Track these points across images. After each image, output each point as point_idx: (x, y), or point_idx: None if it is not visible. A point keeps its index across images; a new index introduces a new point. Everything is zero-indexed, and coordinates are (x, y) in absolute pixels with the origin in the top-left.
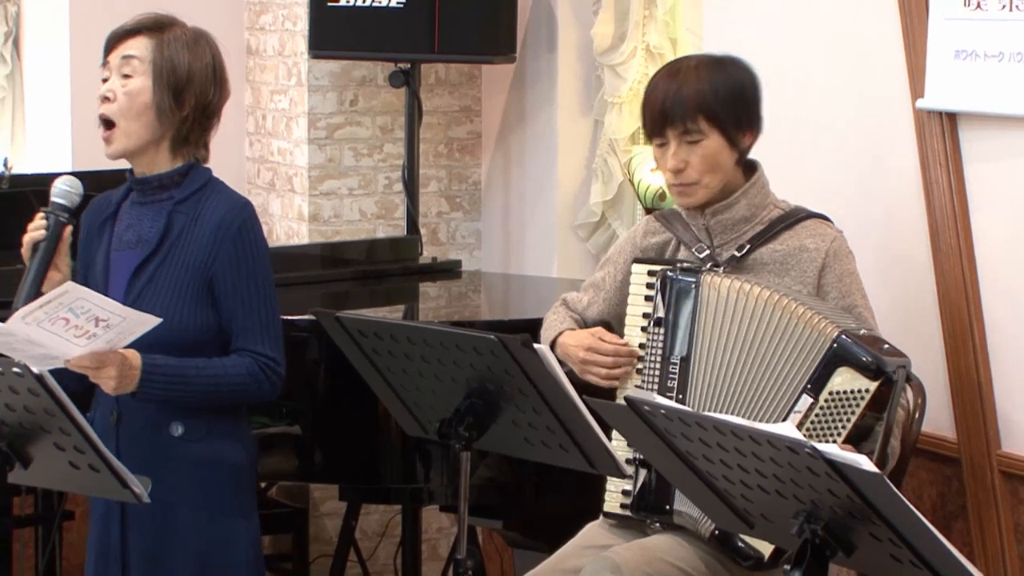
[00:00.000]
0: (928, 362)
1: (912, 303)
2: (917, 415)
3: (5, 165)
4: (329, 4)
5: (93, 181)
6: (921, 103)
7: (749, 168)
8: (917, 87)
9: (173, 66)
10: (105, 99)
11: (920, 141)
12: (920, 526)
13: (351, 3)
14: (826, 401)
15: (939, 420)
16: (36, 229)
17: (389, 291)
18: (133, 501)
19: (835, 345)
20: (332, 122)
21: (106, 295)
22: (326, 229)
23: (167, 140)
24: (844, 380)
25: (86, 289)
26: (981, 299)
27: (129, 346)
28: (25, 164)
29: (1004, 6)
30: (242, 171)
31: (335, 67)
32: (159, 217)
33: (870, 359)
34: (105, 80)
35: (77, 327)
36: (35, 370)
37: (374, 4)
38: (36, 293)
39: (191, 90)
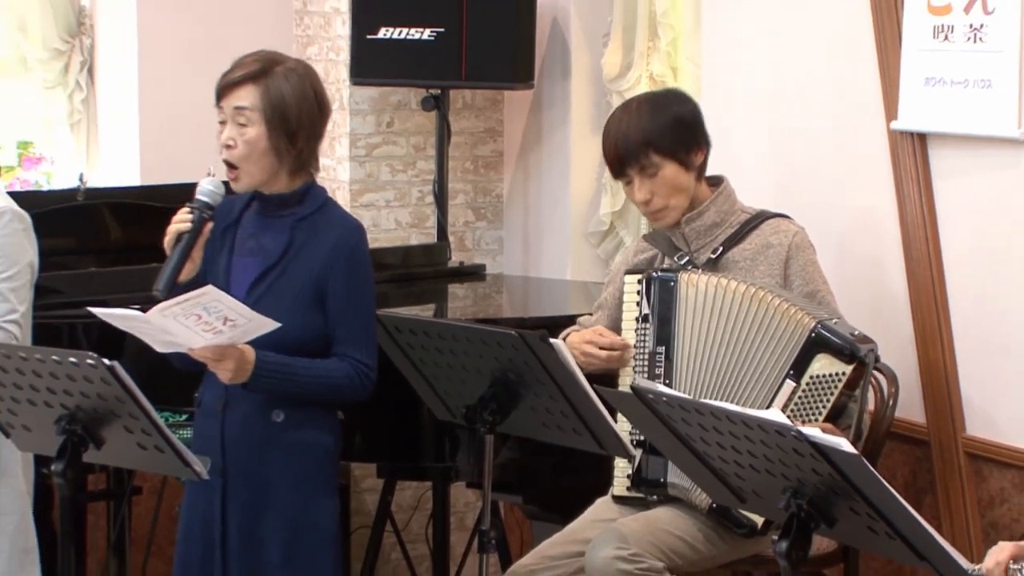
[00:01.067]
0: (901, 355)
1: (886, 303)
2: (891, 402)
3: (81, 179)
4: (368, 37)
5: (158, 193)
6: (895, 125)
7: (714, 181)
8: (891, 110)
9: (283, 112)
10: (227, 146)
11: (894, 159)
12: (894, 501)
13: (388, 36)
14: (807, 384)
15: (910, 407)
16: (182, 221)
17: (422, 292)
18: (194, 479)
19: (813, 334)
20: (371, 142)
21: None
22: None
23: (286, 168)
24: (823, 365)
25: (222, 293)
26: (948, 299)
27: (253, 346)
28: (98, 179)
29: (969, 39)
30: None
31: (373, 93)
32: (282, 232)
33: (845, 345)
34: (222, 123)
35: (207, 323)
36: (107, 362)
37: (408, 37)
38: (175, 279)
39: (301, 128)
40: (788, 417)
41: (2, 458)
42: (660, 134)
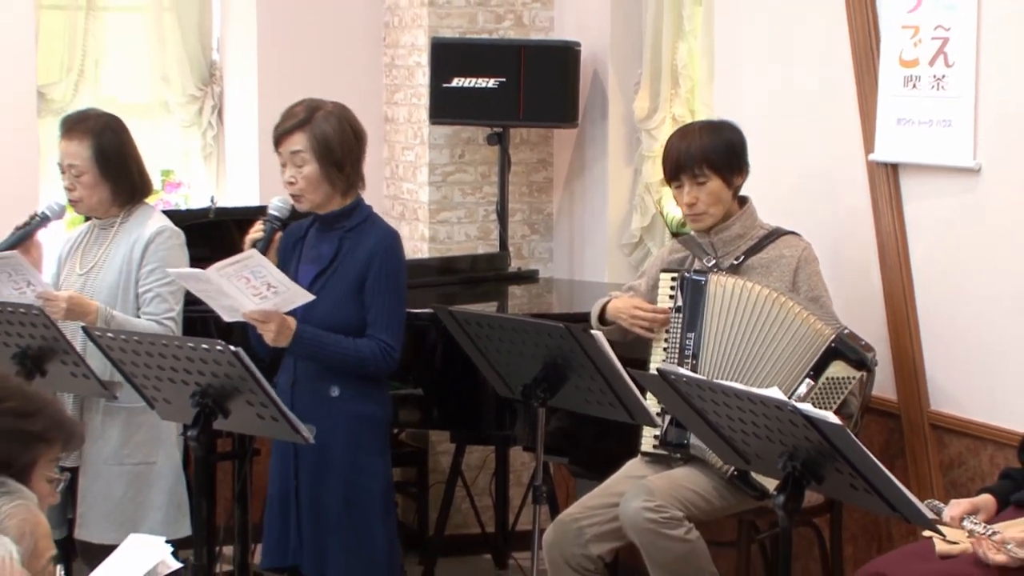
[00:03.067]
0: (875, 343)
1: (865, 300)
2: (870, 383)
3: (212, 201)
4: (444, 85)
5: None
6: (872, 156)
7: (742, 200)
8: (869, 144)
9: (329, 149)
10: (290, 183)
11: (871, 184)
12: (871, 463)
13: (460, 84)
14: (823, 384)
15: (884, 386)
16: (256, 232)
17: (486, 292)
18: (303, 442)
19: (833, 344)
20: (445, 170)
21: None
22: (441, 247)
23: (339, 190)
24: (838, 370)
25: (265, 259)
26: (915, 298)
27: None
28: (226, 200)
29: (933, 87)
30: (381, 206)
31: (448, 131)
32: (333, 241)
33: (858, 356)
34: (284, 166)
35: (254, 287)
36: (232, 348)
37: (476, 85)
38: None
39: (346, 157)
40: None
41: (162, 429)
42: (716, 153)
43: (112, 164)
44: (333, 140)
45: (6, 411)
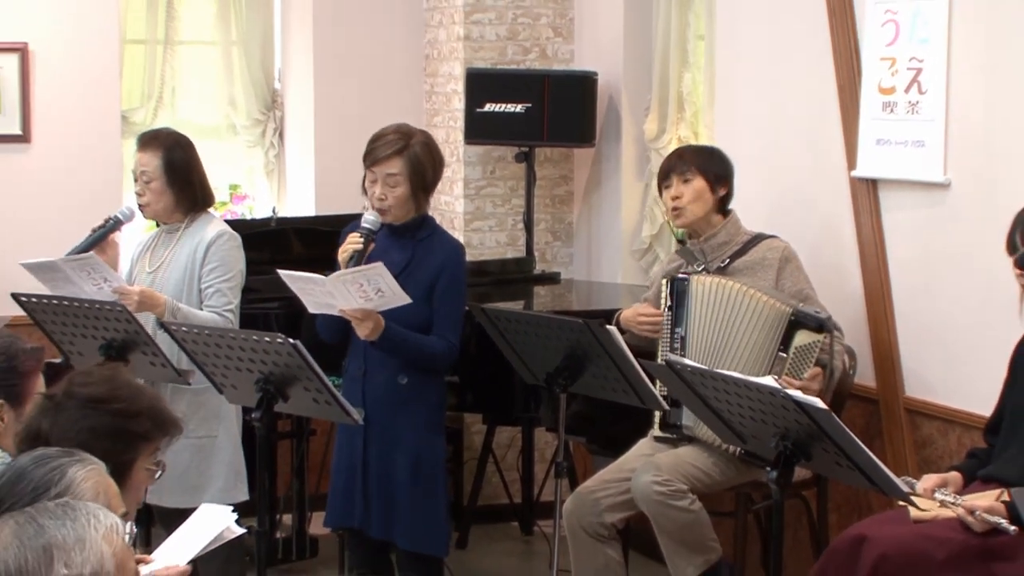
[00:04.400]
0: (857, 337)
1: (848, 299)
2: (852, 372)
3: (273, 212)
4: (477, 110)
5: (327, 221)
6: (854, 173)
7: (727, 213)
8: (852, 162)
9: (421, 175)
10: (380, 199)
11: (853, 197)
12: (853, 443)
13: (492, 109)
14: (794, 354)
15: (865, 375)
16: (355, 243)
17: (514, 292)
18: (353, 424)
19: (792, 317)
20: (479, 184)
21: None
22: (475, 252)
23: (415, 206)
24: (803, 338)
25: (386, 270)
26: (892, 297)
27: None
28: (285, 211)
29: (908, 111)
30: None
31: (481, 150)
32: (406, 248)
33: (816, 321)
34: (374, 183)
35: (363, 292)
36: (291, 340)
37: (506, 110)
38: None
39: (432, 182)
40: (785, 377)
41: (223, 409)
42: (701, 158)
43: (178, 174)
44: (425, 166)
45: (115, 412)
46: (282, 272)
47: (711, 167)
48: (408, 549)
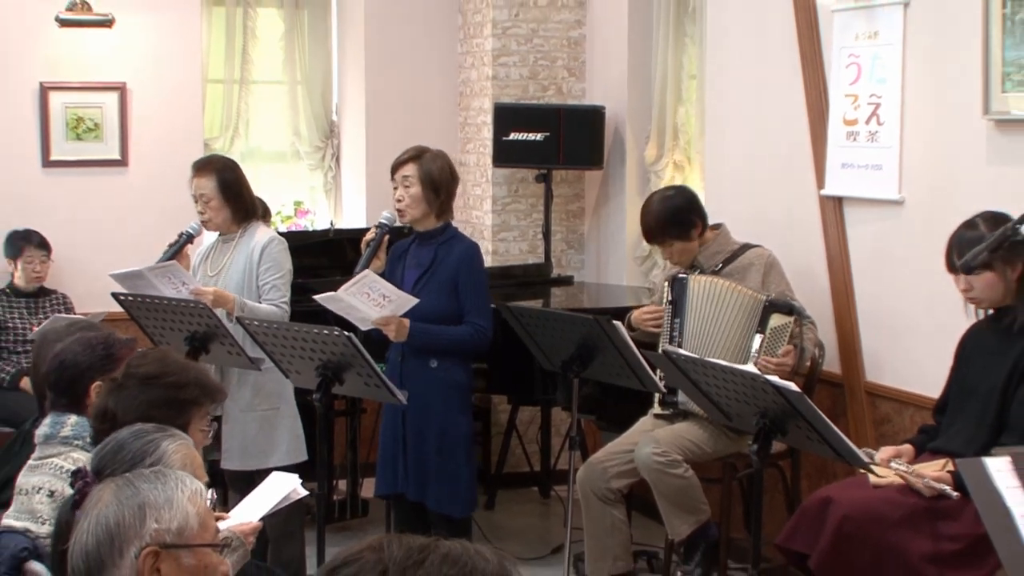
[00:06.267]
0: (824, 330)
1: (817, 297)
2: (820, 360)
3: (331, 224)
4: (504, 138)
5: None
6: (823, 191)
7: (717, 226)
8: (821, 182)
9: (432, 178)
10: (398, 200)
11: (822, 212)
12: (822, 420)
13: (516, 138)
14: (769, 334)
15: (831, 363)
16: (369, 235)
17: (535, 292)
18: (397, 404)
19: (766, 303)
20: (504, 201)
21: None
22: (500, 259)
23: (433, 212)
24: (776, 320)
25: (376, 277)
26: (855, 295)
27: (410, 319)
28: (341, 224)
29: (868, 140)
30: None
31: (506, 172)
32: (430, 252)
33: (787, 305)
34: (395, 188)
35: (374, 300)
36: (345, 333)
37: (528, 138)
38: (366, 267)
39: (441, 186)
40: (762, 353)
41: (283, 384)
42: (671, 224)
43: (231, 192)
44: (435, 171)
45: (167, 385)
46: (317, 298)
47: (677, 230)
48: (434, 510)
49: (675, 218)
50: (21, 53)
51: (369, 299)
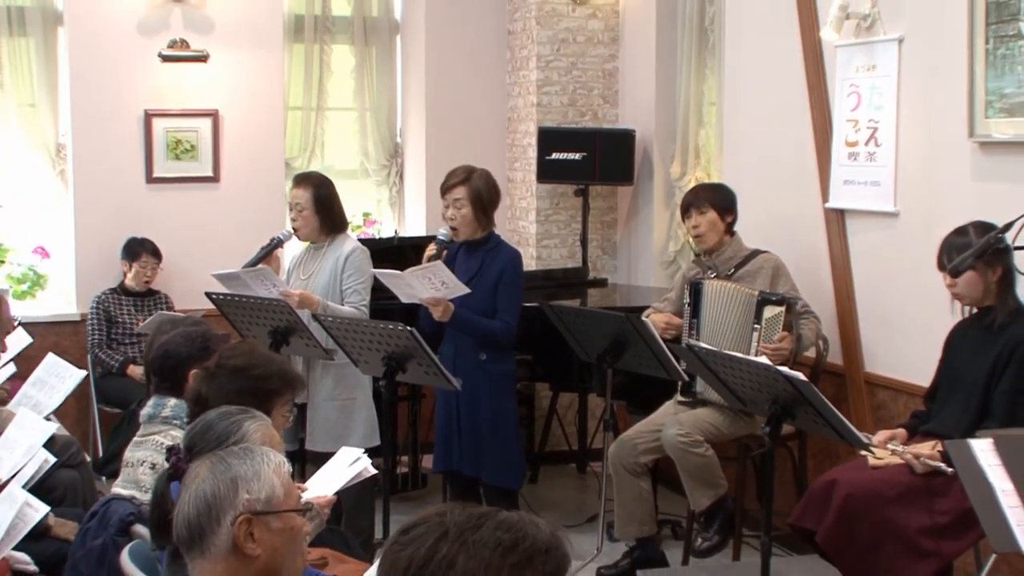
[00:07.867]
0: (828, 326)
1: (821, 298)
2: (825, 353)
3: (395, 233)
4: (547, 157)
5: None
6: (828, 204)
7: (732, 233)
8: (825, 196)
9: (480, 198)
10: (451, 219)
11: (827, 222)
12: (826, 406)
13: (557, 157)
14: (765, 324)
15: (834, 356)
16: (430, 250)
17: (573, 292)
18: (452, 390)
19: (759, 298)
20: (547, 213)
21: None
22: (543, 263)
23: (481, 226)
24: (769, 311)
25: (443, 266)
26: (856, 296)
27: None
28: (404, 232)
29: (867, 159)
30: (504, 236)
31: (549, 187)
32: (477, 259)
33: (778, 297)
34: (446, 207)
35: (431, 282)
36: (408, 328)
37: (568, 158)
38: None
39: (489, 205)
40: (761, 341)
41: (360, 377)
42: (713, 194)
43: (323, 204)
44: (483, 193)
45: (253, 376)
46: (377, 271)
47: (720, 201)
48: (490, 483)
49: (721, 191)
50: (129, 85)
51: (429, 283)
